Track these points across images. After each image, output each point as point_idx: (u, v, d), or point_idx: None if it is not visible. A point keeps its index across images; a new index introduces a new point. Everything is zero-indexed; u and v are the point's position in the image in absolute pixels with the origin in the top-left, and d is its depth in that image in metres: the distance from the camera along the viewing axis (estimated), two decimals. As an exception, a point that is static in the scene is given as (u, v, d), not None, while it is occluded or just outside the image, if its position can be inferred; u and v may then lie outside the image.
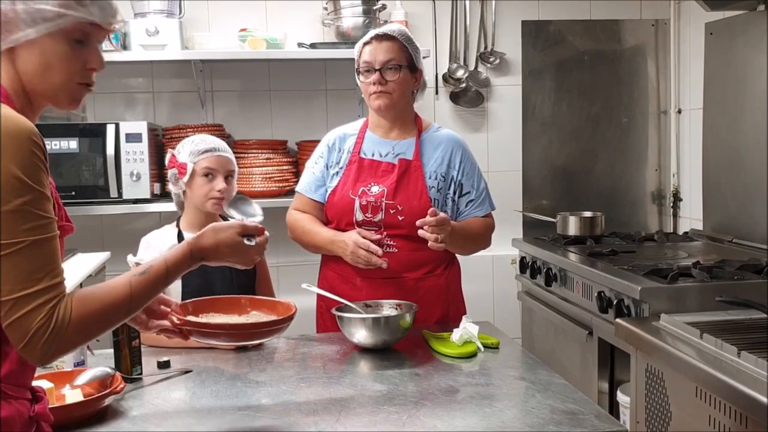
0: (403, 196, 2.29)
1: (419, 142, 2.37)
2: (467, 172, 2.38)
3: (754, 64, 3.00)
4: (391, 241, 2.29)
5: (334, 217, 2.36)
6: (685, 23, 3.64)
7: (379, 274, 2.26)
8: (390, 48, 2.29)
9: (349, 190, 2.32)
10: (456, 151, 2.38)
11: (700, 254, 2.97)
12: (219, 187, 2.25)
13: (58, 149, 3.05)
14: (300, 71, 3.50)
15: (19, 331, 1.14)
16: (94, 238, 3.30)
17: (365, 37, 2.34)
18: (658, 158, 3.78)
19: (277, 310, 1.83)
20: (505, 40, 3.66)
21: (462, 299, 2.47)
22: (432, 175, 2.33)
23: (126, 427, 1.59)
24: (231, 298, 1.92)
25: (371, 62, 2.29)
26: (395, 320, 2.05)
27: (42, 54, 1.23)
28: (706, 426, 1.82)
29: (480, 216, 2.40)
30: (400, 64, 2.30)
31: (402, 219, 2.28)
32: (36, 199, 1.15)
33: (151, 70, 3.45)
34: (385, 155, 2.35)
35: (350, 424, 1.57)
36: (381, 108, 2.32)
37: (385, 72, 2.28)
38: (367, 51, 2.31)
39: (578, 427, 1.52)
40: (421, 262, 2.31)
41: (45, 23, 1.21)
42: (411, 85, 2.35)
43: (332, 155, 2.40)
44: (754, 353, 1.72)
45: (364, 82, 2.33)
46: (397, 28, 2.34)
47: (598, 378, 2.74)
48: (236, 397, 1.74)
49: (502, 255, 3.59)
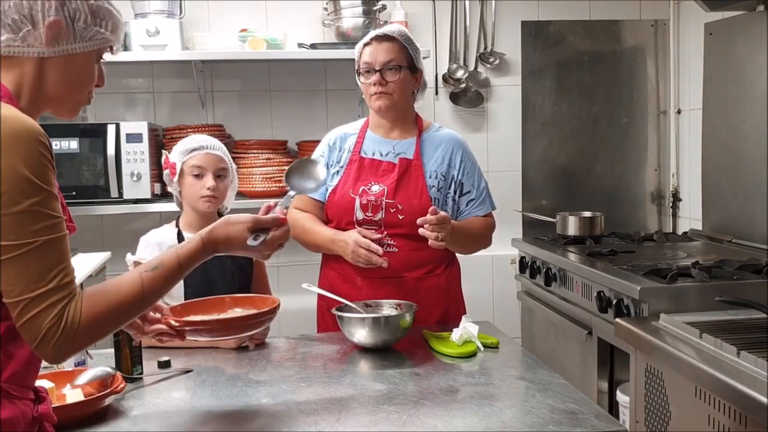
0: (403, 195, 2.30)
1: (420, 141, 2.37)
2: (468, 172, 2.39)
3: (754, 64, 3.00)
4: (391, 240, 2.30)
5: (334, 216, 2.36)
6: (685, 23, 3.64)
7: (379, 274, 2.27)
8: (390, 49, 2.30)
9: (349, 189, 2.32)
10: (456, 151, 2.39)
11: (699, 254, 2.97)
12: (208, 185, 2.21)
13: (58, 149, 3.05)
14: (300, 71, 3.51)
15: (31, 332, 1.15)
16: (95, 238, 3.31)
17: (365, 38, 2.34)
18: (657, 158, 3.78)
19: (257, 305, 1.85)
20: (505, 41, 3.66)
21: (462, 299, 2.47)
22: (432, 175, 2.34)
23: (126, 426, 1.60)
24: (216, 298, 1.93)
25: (371, 63, 2.30)
26: (395, 320, 2.05)
27: (77, 67, 1.29)
28: (705, 426, 1.82)
29: (480, 215, 2.40)
30: (401, 64, 2.30)
31: (402, 218, 2.28)
32: (45, 199, 1.16)
33: (152, 71, 3.45)
34: (386, 154, 2.36)
35: (350, 423, 1.57)
36: (382, 109, 2.33)
37: (386, 73, 2.29)
38: (367, 52, 2.32)
39: (578, 427, 1.52)
40: (421, 261, 2.31)
41: (91, 41, 1.29)
42: (411, 85, 2.36)
43: (333, 154, 2.41)
44: (753, 353, 1.72)
45: (364, 83, 2.34)
46: (397, 29, 2.35)
47: (598, 378, 2.74)
48: (236, 396, 1.74)
49: (501, 255, 3.59)
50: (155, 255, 2.15)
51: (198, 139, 2.29)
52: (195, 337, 1.75)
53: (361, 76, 2.34)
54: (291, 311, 2.54)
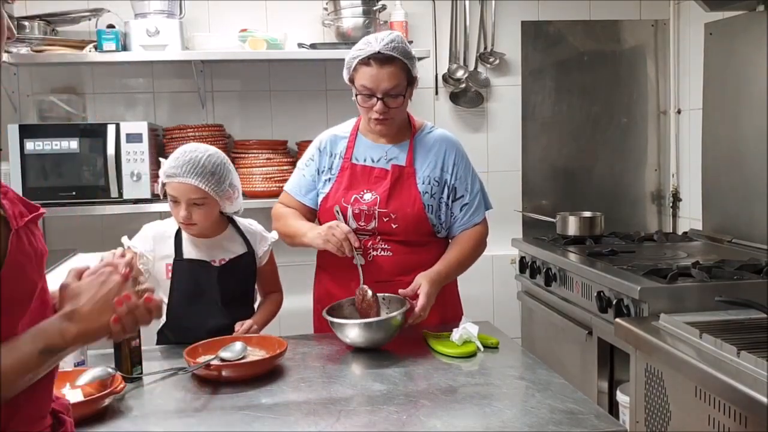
0: (396, 204, 2.26)
1: (412, 144, 2.33)
2: (461, 175, 2.33)
3: (754, 64, 3.00)
4: (385, 244, 2.27)
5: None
6: (685, 23, 3.64)
7: (374, 278, 2.22)
8: (393, 74, 2.17)
9: (341, 198, 2.28)
10: (449, 153, 2.33)
11: (699, 254, 2.97)
12: (181, 214, 2.12)
13: (58, 149, 3.05)
14: (300, 71, 3.50)
15: None
16: (94, 238, 3.30)
17: (362, 54, 2.19)
18: (657, 158, 3.78)
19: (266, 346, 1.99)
20: (505, 41, 3.66)
21: (459, 302, 2.45)
22: (425, 180, 2.29)
23: (126, 426, 1.60)
24: (228, 338, 2.03)
25: (373, 89, 2.19)
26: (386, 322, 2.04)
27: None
28: (705, 426, 1.82)
29: (472, 225, 2.34)
30: (403, 91, 2.21)
31: (396, 227, 2.25)
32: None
33: (152, 71, 3.45)
34: (378, 160, 2.31)
35: (350, 423, 1.57)
36: (383, 132, 2.29)
37: (388, 100, 2.20)
38: (366, 75, 2.18)
39: (578, 427, 1.53)
40: (415, 265, 2.24)
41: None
42: (409, 96, 2.28)
43: (324, 159, 2.36)
44: (753, 353, 1.72)
45: (362, 105, 2.24)
46: (397, 45, 2.19)
47: (598, 378, 2.74)
48: (236, 397, 1.74)
49: (501, 255, 3.59)
50: (146, 248, 2.17)
51: (181, 159, 2.12)
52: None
53: (359, 97, 2.23)
54: (291, 311, 2.54)
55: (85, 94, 3.41)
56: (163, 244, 2.21)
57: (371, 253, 2.26)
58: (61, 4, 3.23)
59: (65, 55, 3.13)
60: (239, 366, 1.87)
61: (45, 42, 3.13)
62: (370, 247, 2.26)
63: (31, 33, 3.13)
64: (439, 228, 2.32)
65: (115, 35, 3.11)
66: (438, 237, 2.34)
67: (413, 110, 2.36)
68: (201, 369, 1.83)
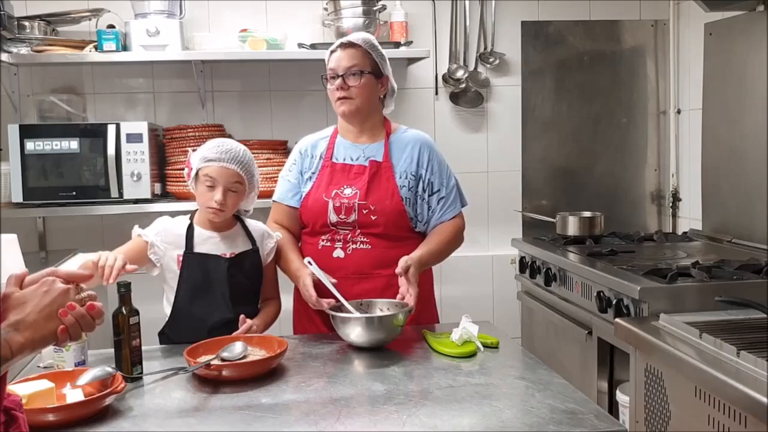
0: (375, 197, 2.33)
1: (388, 143, 2.41)
2: (436, 170, 2.42)
3: (754, 64, 3.00)
4: (365, 238, 2.33)
5: (309, 221, 2.39)
6: (685, 24, 3.64)
7: (352, 271, 2.32)
8: (353, 55, 2.33)
9: (322, 193, 2.36)
10: (424, 150, 2.42)
11: (699, 254, 2.97)
12: (216, 198, 2.19)
13: (59, 149, 3.06)
14: (300, 71, 3.50)
15: None
16: (94, 238, 3.31)
17: (332, 46, 2.39)
18: (657, 158, 3.78)
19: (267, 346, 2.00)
20: (505, 41, 3.66)
21: (434, 301, 2.51)
22: (402, 175, 2.38)
23: (126, 426, 1.60)
24: (228, 338, 2.05)
25: (335, 69, 2.34)
26: (388, 320, 2.07)
27: None
28: (705, 426, 1.82)
29: (449, 218, 2.42)
30: (363, 69, 2.34)
31: (375, 218, 2.33)
32: None
33: (152, 71, 3.45)
34: (356, 159, 2.40)
35: (350, 423, 1.57)
36: (345, 114, 2.37)
37: (348, 78, 2.32)
38: (333, 58, 2.36)
39: (578, 427, 1.53)
40: (393, 259, 2.27)
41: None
42: (376, 90, 2.39)
43: (305, 161, 2.45)
44: (753, 353, 1.73)
45: (329, 88, 2.37)
46: (362, 36, 2.38)
47: (598, 377, 2.74)
48: (236, 397, 1.75)
49: (501, 255, 3.59)
50: (158, 239, 2.20)
51: (223, 148, 2.23)
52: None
53: (327, 83, 2.37)
54: (290, 311, 2.54)
55: (85, 94, 3.41)
56: (175, 236, 2.24)
57: (351, 246, 2.34)
58: (61, 4, 3.23)
59: (65, 55, 3.13)
60: (239, 366, 1.87)
61: (45, 42, 3.13)
62: (350, 240, 2.34)
63: (32, 33, 3.14)
64: (416, 222, 2.40)
65: (115, 35, 3.11)
66: (416, 233, 2.41)
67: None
68: (201, 369, 1.84)
